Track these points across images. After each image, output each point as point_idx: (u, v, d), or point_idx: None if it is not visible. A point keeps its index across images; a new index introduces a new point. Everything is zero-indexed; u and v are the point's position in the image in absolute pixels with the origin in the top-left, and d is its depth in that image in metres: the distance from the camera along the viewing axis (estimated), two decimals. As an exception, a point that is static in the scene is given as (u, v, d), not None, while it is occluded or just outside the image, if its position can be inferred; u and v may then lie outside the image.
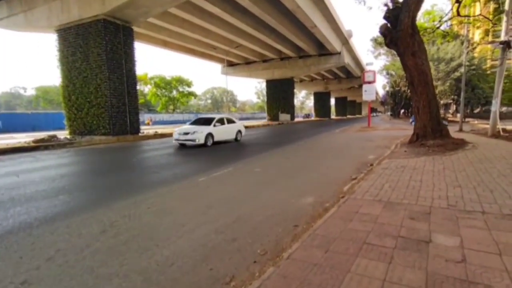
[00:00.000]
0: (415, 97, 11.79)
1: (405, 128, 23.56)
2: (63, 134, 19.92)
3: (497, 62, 15.20)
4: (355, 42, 55.78)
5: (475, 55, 52.72)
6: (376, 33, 58.77)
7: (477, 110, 60.17)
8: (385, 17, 12.09)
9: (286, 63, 47.24)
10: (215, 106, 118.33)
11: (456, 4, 14.83)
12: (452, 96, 49.94)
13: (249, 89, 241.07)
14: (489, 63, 58.32)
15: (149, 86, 68.00)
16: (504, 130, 15.15)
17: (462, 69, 33.32)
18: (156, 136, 21.66)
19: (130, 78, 20.17)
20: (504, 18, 13.93)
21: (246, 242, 3.77)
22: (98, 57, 18.46)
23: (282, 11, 29.12)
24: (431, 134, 11.49)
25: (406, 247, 3.07)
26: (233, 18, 28.14)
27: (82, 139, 17.53)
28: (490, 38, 20.69)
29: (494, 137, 13.97)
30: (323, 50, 43.63)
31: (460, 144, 10.79)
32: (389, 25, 12.01)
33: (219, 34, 33.62)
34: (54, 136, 17.26)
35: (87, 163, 11.13)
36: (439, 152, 9.66)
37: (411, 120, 30.71)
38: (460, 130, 20.13)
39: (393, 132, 21.67)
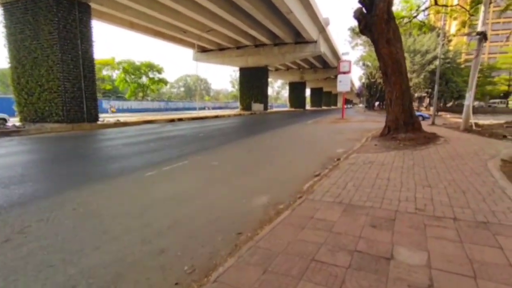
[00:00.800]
0: (388, 88, 11.46)
1: (379, 121, 23.45)
2: (15, 121, 18.57)
3: (472, 56, 15.16)
4: (332, 31, 55.56)
5: (450, 48, 53.97)
6: (353, 22, 59.01)
7: (449, 104, 61.88)
8: (360, 1, 11.63)
9: (260, 50, 46.20)
10: (188, 94, 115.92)
11: (434, -8, 14.65)
12: (426, 89, 50.85)
13: (224, 77, 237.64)
14: (463, 57, 59.96)
15: (117, 71, 65.32)
16: (476, 124, 15.20)
17: (437, 62, 33.69)
18: (117, 124, 20.46)
19: (86, 61, 18.86)
20: (482, 8, 13.82)
21: (175, 255, 3.16)
22: (49, 36, 17.05)
23: (258, -5, 28.15)
24: (403, 127, 11.22)
25: (362, 266, 2.55)
26: (206, 0, 26.93)
27: (32, 127, 16.24)
28: (466, 30, 20.75)
29: (467, 132, 13.95)
30: (299, 38, 42.94)
31: (431, 139, 10.57)
32: (364, 9, 11.57)
33: (190, 17, 31.95)
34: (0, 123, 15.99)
35: (26, 153, 10.12)
36: (410, 147, 9.37)
37: None
38: (433, 123, 20.23)
39: (366, 125, 21.53)
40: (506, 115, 36.11)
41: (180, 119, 25.96)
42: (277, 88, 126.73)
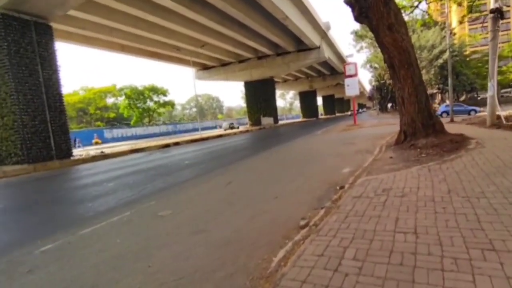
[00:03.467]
0: (398, 84, 9.05)
1: (393, 123, 20.70)
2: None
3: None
4: (334, 35, 52.33)
5: (455, 41, 50.87)
6: (356, 25, 56.72)
7: (462, 98, 58.31)
8: (350, -17, 9.34)
9: (264, 62, 43.96)
10: (201, 114, 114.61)
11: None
12: (438, 85, 47.72)
13: (237, 93, 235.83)
14: (468, 49, 56.40)
15: (119, 98, 63.34)
16: (506, 117, 12.53)
17: (445, 56, 30.74)
18: (96, 158, 17.64)
19: (51, 88, 16.15)
20: (494, -20, 11.37)
21: None
22: (-2, 63, 14.70)
23: (247, 1, 25.57)
24: (422, 131, 8.76)
25: None
26: (192, 12, 24.16)
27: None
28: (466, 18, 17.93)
29: (496, 128, 11.33)
30: (301, 45, 40.52)
31: (460, 142, 8.07)
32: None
33: (182, 33, 29.56)
34: None
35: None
36: (435, 156, 6.93)
37: None
38: (452, 120, 17.64)
39: (379, 129, 18.94)
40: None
41: (176, 143, 23.81)
42: (290, 99, 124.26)
